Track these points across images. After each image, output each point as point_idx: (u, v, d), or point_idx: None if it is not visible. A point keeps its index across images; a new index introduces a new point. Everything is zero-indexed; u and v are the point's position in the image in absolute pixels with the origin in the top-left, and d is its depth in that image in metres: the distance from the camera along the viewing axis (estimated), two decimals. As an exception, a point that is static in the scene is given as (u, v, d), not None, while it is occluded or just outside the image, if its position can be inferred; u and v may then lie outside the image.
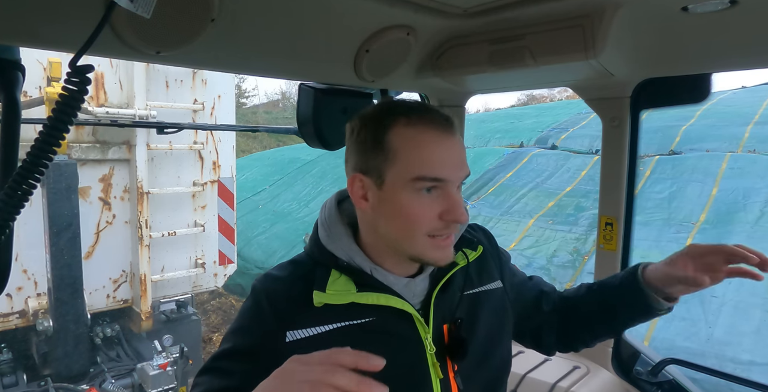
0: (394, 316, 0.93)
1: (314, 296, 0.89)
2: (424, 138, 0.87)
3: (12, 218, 0.72)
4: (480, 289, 1.05)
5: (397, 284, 0.95)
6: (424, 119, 0.89)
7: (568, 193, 8.45)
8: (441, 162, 0.87)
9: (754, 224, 6.39)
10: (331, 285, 0.91)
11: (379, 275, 0.94)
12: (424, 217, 0.87)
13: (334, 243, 0.95)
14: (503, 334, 1.08)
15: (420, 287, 0.97)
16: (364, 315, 0.92)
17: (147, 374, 3.98)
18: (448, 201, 0.87)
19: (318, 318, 0.90)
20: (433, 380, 0.94)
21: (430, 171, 0.86)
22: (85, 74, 0.73)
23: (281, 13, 1.05)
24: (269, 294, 0.92)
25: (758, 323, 5.04)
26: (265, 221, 9.65)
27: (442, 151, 0.87)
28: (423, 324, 0.94)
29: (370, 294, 0.91)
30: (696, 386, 1.66)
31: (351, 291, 0.91)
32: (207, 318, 7.27)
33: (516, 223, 7.99)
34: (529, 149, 10.77)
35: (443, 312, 0.98)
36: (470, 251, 1.03)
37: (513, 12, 1.12)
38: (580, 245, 7.08)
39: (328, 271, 0.93)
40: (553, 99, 21.49)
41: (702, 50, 1.24)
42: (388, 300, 0.92)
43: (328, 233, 0.97)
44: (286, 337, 0.88)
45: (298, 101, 1.53)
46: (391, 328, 0.93)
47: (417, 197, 0.87)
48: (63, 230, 3.78)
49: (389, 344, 0.91)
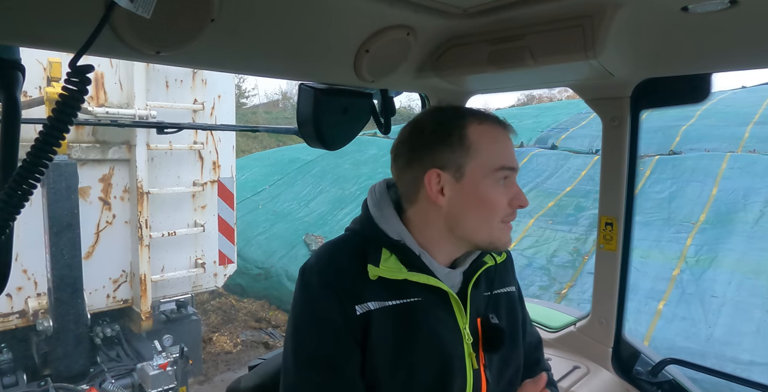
0: (438, 301, 0.98)
1: (369, 269, 0.94)
2: (498, 134, 1.00)
3: (12, 218, 0.72)
4: (501, 291, 1.12)
5: (440, 271, 1.00)
6: (491, 119, 1.01)
7: (568, 193, 8.44)
8: (512, 154, 1.00)
9: (754, 224, 6.39)
10: (383, 262, 0.95)
11: (426, 259, 0.99)
12: (502, 203, 0.97)
13: (386, 223, 1.01)
14: (519, 335, 1.13)
15: (457, 280, 1.03)
16: (412, 295, 0.97)
17: (147, 374, 3.97)
18: (514, 189, 0.99)
19: (376, 293, 0.95)
20: (468, 370, 0.98)
21: (510, 162, 0.98)
22: (85, 74, 0.73)
23: (281, 13, 1.04)
24: (331, 271, 0.96)
25: (758, 323, 5.04)
26: (265, 221, 9.64)
27: (510, 146, 1.01)
28: (462, 313, 1.00)
29: (420, 275, 0.96)
30: (696, 386, 1.66)
31: (402, 270, 0.96)
32: (207, 318, 7.26)
33: (516, 223, 7.89)
34: (529, 149, 10.75)
35: (476, 305, 1.04)
36: (496, 255, 1.11)
37: (513, 12, 1.12)
38: (580, 245, 7.07)
39: (379, 249, 0.97)
40: (553, 99, 21.48)
41: (702, 50, 1.23)
42: (437, 282, 0.97)
43: (380, 213, 1.02)
44: (356, 310, 0.92)
45: (298, 101, 1.53)
46: (436, 312, 0.98)
47: (497, 186, 0.98)
48: (63, 230, 3.78)
49: (435, 328, 0.97)
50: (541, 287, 6.49)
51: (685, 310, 5.39)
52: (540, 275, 6.72)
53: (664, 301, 5.60)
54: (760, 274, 5.58)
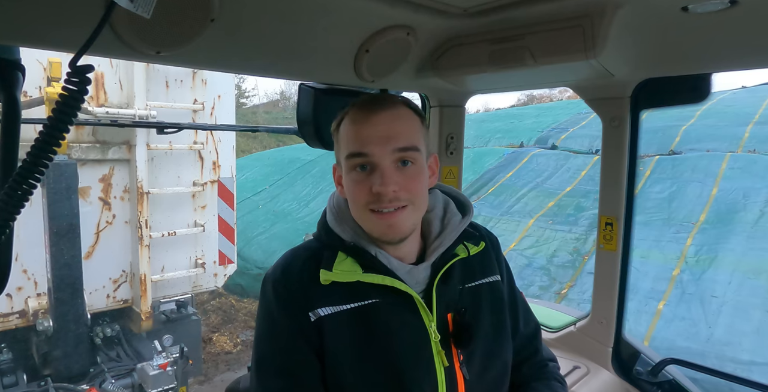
0: (399, 301, 0.95)
1: (321, 274, 0.93)
2: (353, 119, 0.95)
3: (12, 218, 0.72)
4: (481, 281, 1.07)
5: (400, 269, 0.97)
6: (360, 102, 0.97)
7: (568, 193, 8.44)
8: (364, 138, 0.92)
9: (754, 224, 6.39)
10: (337, 266, 0.94)
11: (383, 258, 0.96)
12: (361, 192, 0.92)
13: (341, 226, 1.00)
14: (506, 329, 1.08)
15: (422, 275, 0.99)
16: (370, 297, 0.95)
17: (147, 374, 3.97)
18: (375, 175, 0.91)
19: (330, 298, 0.94)
20: (437, 367, 0.95)
21: (355, 147, 0.93)
22: (85, 74, 0.73)
23: (281, 13, 1.04)
24: (283, 280, 0.96)
25: (758, 323, 5.04)
26: (265, 221, 9.65)
27: (366, 128, 0.93)
28: (426, 311, 0.96)
29: (375, 275, 0.94)
30: (696, 386, 1.66)
31: (357, 272, 0.94)
32: (207, 318, 7.27)
33: (516, 223, 7.98)
34: (529, 149, 10.76)
35: (446, 301, 0.99)
36: (472, 246, 1.06)
37: (513, 12, 1.12)
38: (580, 245, 7.08)
39: (335, 253, 0.96)
40: (553, 99, 21.48)
41: (702, 50, 1.23)
42: (393, 281, 0.94)
43: (335, 217, 1.02)
44: (310, 317, 0.93)
45: (298, 100, 1.53)
46: (396, 313, 0.95)
47: (354, 174, 0.94)
48: (63, 230, 3.78)
49: (394, 328, 0.94)
50: (541, 287, 6.49)
51: (685, 310, 5.39)
52: (540, 275, 6.72)
53: (664, 301, 5.60)
54: (760, 274, 5.58)
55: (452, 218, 1.05)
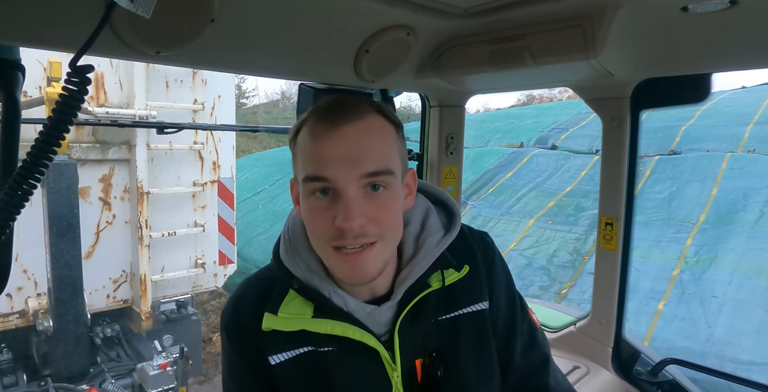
0: (356, 349, 0.81)
1: (264, 319, 0.81)
2: (312, 131, 0.76)
3: (12, 218, 0.72)
4: (461, 312, 0.89)
5: (359, 311, 0.82)
6: (320, 111, 0.78)
7: (568, 193, 8.45)
8: (325, 159, 0.73)
9: (754, 224, 6.39)
10: (284, 307, 0.81)
11: (338, 299, 0.81)
12: (321, 224, 0.75)
13: (293, 259, 0.84)
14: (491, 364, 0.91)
15: (386, 316, 0.83)
16: (325, 343, 0.82)
17: (147, 374, 3.97)
18: (338, 204, 0.73)
19: (279, 343, 0.83)
20: None
21: (313, 169, 0.74)
22: (85, 74, 0.73)
23: (281, 13, 1.04)
24: (236, 324, 0.87)
25: (758, 323, 5.04)
26: (265, 221, 9.65)
27: (328, 145, 0.74)
28: (389, 361, 0.82)
29: (325, 322, 0.80)
30: (696, 386, 1.66)
31: (306, 316, 0.81)
32: (207, 318, 7.27)
33: (516, 223, 7.99)
34: (529, 149, 10.77)
35: (414, 344, 0.84)
36: (451, 272, 0.87)
37: (513, 12, 1.12)
38: (580, 245, 7.08)
39: (285, 290, 0.83)
40: (553, 99, 21.50)
41: (702, 50, 1.23)
42: (345, 329, 0.80)
43: (287, 246, 0.86)
44: (270, 361, 0.84)
45: (298, 101, 1.53)
46: (353, 363, 0.82)
47: (312, 200, 0.76)
48: (63, 230, 3.78)
49: (353, 382, 0.82)
50: (541, 287, 6.49)
51: (685, 310, 5.40)
52: (540, 275, 6.72)
53: (664, 301, 5.60)
54: (760, 274, 5.59)
55: (428, 237, 0.87)
